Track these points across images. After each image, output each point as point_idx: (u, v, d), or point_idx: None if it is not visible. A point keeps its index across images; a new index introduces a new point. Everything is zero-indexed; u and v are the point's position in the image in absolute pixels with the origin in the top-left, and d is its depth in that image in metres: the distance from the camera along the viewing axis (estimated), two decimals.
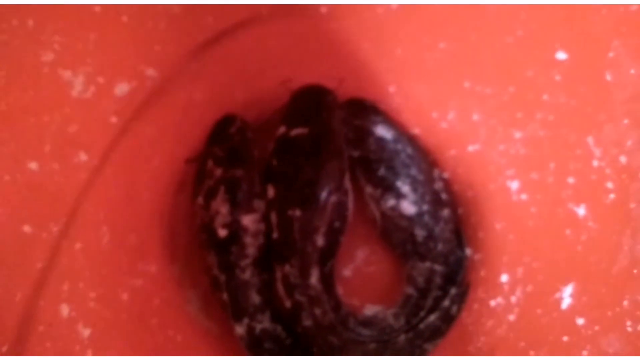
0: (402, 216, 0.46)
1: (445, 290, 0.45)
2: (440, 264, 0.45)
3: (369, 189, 0.48)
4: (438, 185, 0.48)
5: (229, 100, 0.47)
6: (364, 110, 0.49)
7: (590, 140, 0.38)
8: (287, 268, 0.43)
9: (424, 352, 0.43)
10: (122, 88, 0.40)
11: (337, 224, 0.44)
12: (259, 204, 0.44)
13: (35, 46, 0.33)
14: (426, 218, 0.46)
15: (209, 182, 0.44)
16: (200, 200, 0.44)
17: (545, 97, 0.40)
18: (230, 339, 0.43)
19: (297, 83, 0.46)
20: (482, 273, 0.45)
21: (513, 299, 0.41)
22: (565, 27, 0.38)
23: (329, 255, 0.44)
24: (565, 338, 0.35)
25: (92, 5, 0.35)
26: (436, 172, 0.48)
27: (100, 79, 0.38)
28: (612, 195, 0.38)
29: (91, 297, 0.38)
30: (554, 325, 0.37)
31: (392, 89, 0.48)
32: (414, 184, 0.47)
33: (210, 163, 0.45)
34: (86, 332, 0.37)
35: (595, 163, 0.38)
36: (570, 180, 0.39)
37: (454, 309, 0.44)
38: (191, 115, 0.46)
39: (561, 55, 0.39)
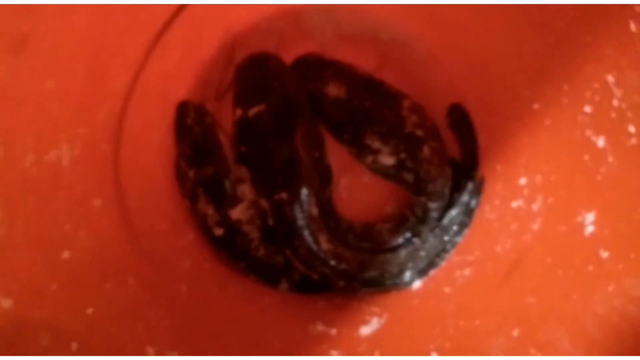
0: (386, 167, 0.46)
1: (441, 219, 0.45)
2: (434, 201, 0.45)
3: (346, 148, 0.47)
4: (410, 122, 0.45)
5: None
6: (312, 69, 0.46)
7: (610, 79, 0.34)
8: (295, 248, 0.43)
9: (455, 244, 0.45)
10: None
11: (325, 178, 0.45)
12: (243, 189, 0.44)
13: None
14: (408, 164, 0.45)
15: (188, 185, 0.43)
16: (187, 203, 0.44)
17: None
18: None
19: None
20: (499, 168, 0.44)
21: (534, 207, 0.41)
22: None
23: (329, 215, 0.45)
24: (590, 267, 0.35)
25: None
26: (406, 105, 0.45)
27: None
28: (634, 140, 0.34)
29: None
30: (578, 250, 0.37)
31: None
32: (383, 137, 0.45)
33: (182, 164, 0.44)
34: None
35: (615, 103, 0.34)
36: (587, 109, 0.36)
37: (473, 202, 0.46)
38: None
39: None
